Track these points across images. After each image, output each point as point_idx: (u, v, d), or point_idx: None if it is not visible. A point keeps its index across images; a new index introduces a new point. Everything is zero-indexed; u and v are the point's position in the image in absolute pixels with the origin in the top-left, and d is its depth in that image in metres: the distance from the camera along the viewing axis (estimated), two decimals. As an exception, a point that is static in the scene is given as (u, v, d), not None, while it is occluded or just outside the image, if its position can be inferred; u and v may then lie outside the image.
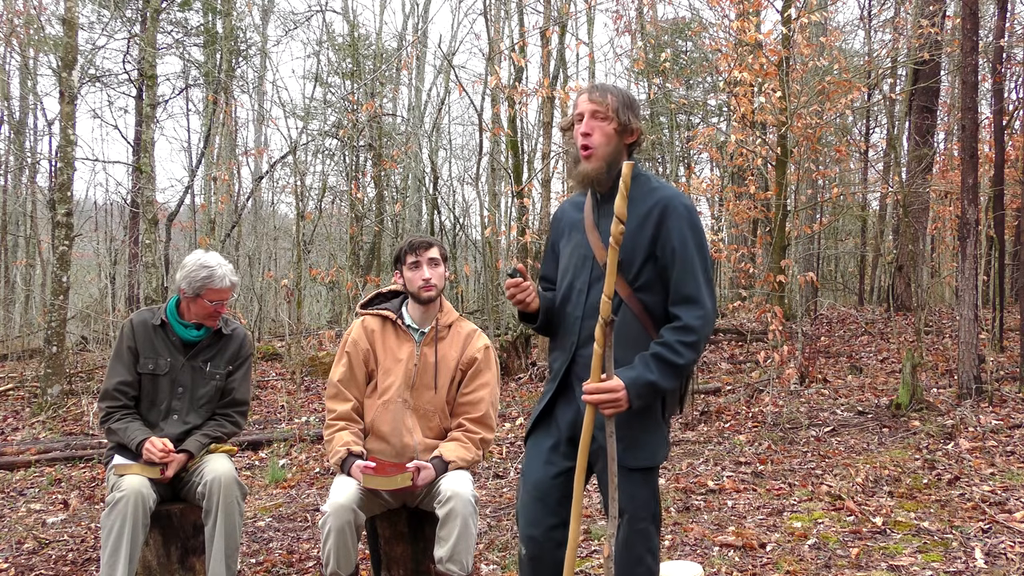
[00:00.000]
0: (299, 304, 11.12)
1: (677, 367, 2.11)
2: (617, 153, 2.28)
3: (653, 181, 2.30)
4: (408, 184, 17.41)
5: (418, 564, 3.10)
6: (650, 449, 2.23)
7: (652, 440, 2.23)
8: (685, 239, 2.17)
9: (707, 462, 5.47)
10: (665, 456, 2.27)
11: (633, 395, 2.10)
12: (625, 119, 2.26)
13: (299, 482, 5.65)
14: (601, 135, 2.26)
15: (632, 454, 2.21)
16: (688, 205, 2.21)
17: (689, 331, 2.11)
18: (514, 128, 13.19)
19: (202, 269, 3.20)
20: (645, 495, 2.23)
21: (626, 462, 2.21)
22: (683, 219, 2.18)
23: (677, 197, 2.22)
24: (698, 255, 2.18)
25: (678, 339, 2.11)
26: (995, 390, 6.72)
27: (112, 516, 2.92)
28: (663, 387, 2.13)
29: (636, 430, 2.22)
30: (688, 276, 2.15)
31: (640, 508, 2.23)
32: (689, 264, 2.16)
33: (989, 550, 3.55)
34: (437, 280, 3.06)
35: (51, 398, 8.10)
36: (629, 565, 2.22)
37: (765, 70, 8.02)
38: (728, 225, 17.20)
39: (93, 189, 45.01)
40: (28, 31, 13.51)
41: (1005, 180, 9.74)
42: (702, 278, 2.16)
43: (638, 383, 2.10)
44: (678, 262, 2.17)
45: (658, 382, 2.11)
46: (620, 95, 2.28)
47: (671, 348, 2.10)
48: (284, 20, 27.59)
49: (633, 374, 2.11)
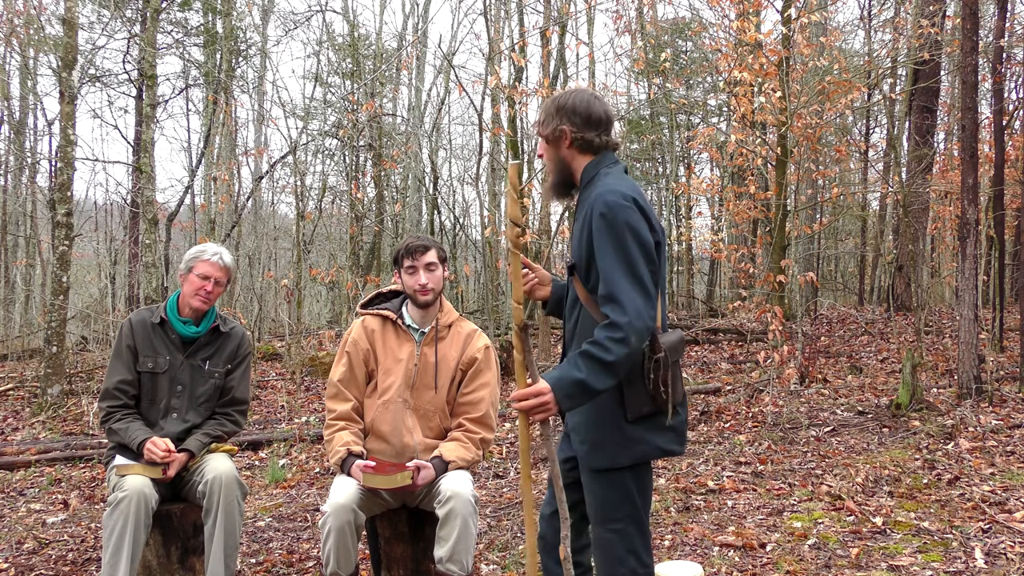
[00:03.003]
0: (299, 304, 11.12)
1: (607, 364, 2.05)
2: (558, 160, 2.32)
3: (601, 179, 2.25)
4: (408, 184, 17.41)
5: (418, 564, 3.10)
6: (609, 451, 2.19)
7: (611, 442, 2.19)
8: (601, 238, 2.13)
9: (707, 462, 5.47)
10: (632, 459, 2.19)
11: (560, 395, 2.07)
12: (546, 130, 2.30)
13: (299, 482, 5.65)
14: (543, 152, 2.35)
15: (593, 456, 2.22)
16: (609, 201, 2.13)
17: (615, 328, 2.06)
18: (514, 128, 13.18)
19: (196, 249, 3.36)
20: (615, 497, 2.21)
21: (589, 463, 2.23)
22: (600, 217, 2.13)
23: (601, 196, 2.16)
24: (616, 252, 2.11)
25: (607, 335, 2.06)
26: (995, 390, 6.72)
27: (114, 516, 2.92)
28: (594, 386, 2.06)
29: (594, 431, 2.21)
30: (606, 275, 2.11)
31: (611, 509, 2.21)
32: (604, 262, 2.12)
33: (989, 550, 3.55)
34: (434, 284, 3.06)
35: (51, 398, 8.10)
36: (610, 565, 2.22)
37: (765, 70, 8.02)
38: (728, 225, 17.21)
39: (93, 189, 45.09)
40: (28, 31, 13.51)
41: (1005, 180, 9.74)
42: (621, 274, 2.09)
43: (563, 382, 2.07)
44: (599, 261, 2.14)
45: (586, 380, 2.05)
46: (547, 107, 2.32)
47: (599, 345, 2.06)
48: (284, 20, 27.64)
49: (557, 374, 2.10)
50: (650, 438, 2.19)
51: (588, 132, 2.27)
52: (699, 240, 18.76)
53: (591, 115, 2.27)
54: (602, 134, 2.30)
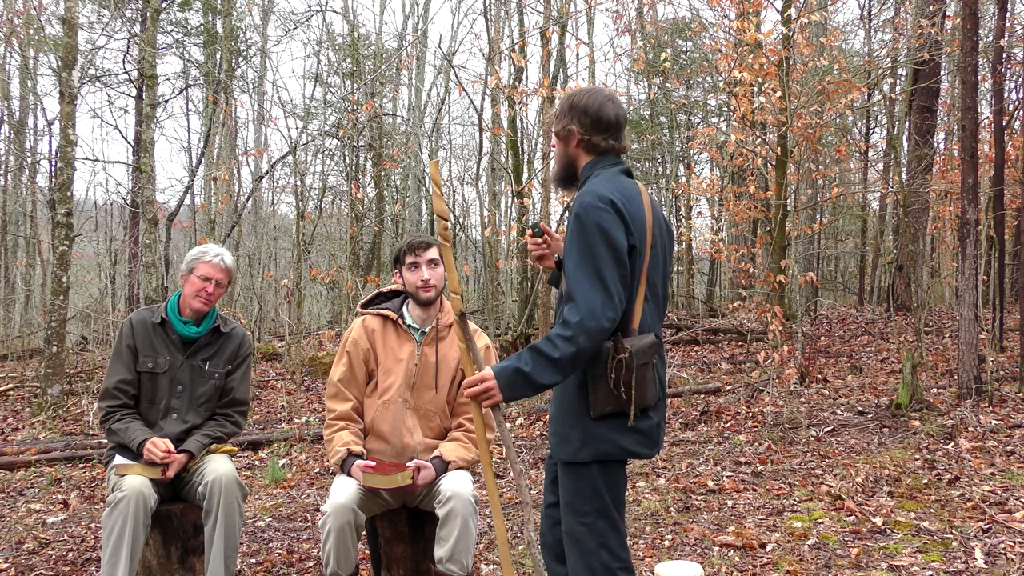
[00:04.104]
0: (299, 304, 11.13)
1: (552, 360, 2.09)
2: (565, 157, 2.39)
3: (589, 182, 2.28)
4: (408, 184, 17.42)
5: (418, 564, 3.10)
6: (573, 445, 2.23)
7: (574, 436, 2.23)
8: (571, 238, 2.18)
9: (707, 462, 5.47)
10: (593, 455, 2.21)
11: (503, 384, 2.16)
12: (558, 127, 2.37)
13: (299, 482, 5.65)
14: (554, 146, 2.43)
15: (559, 448, 2.28)
16: (585, 203, 2.16)
17: (566, 326, 2.10)
18: (514, 128, 13.20)
19: (197, 250, 3.36)
20: (582, 489, 2.24)
21: (556, 454, 2.31)
22: (575, 218, 2.18)
23: (580, 196, 2.21)
24: (582, 252, 2.13)
25: (557, 332, 2.11)
26: (995, 390, 6.72)
27: (113, 516, 2.92)
28: (537, 379, 2.11)
29: (561, 424, 2.28)
30: (569, 273, 2.15)
31: (579, 501, 2.25)
32: (570, 261, 2.15)
33: (989, 550, 3.55)
34: (436, 281, 3.07)
35: (51, 398, 8.10)
36: (582, 556, 2.25)
37: (765, 70, 8.02)
38: (728, 225, 17.22)
39: (93, 189, 45.11)
40: (28, 31, 13.50)
41: (1005, 180, 9.74)
42: (583, 274, 2.12)
43: (505, 372, 2.15)
44: (565, 259, 2.19)
45: (530, 374, 2.11)
46: (562, 103, 2.39)
47: (548, 341, 2.12)
48: (284, 20, 27.68)
49: (503, 364, 2.18)
50: (614, 437, 2.22)
51: (596, 135, 2.31)
52: (699, 240, 18.76)
53: (601, 118, 2.30)
54: (610, 138, 2.32)
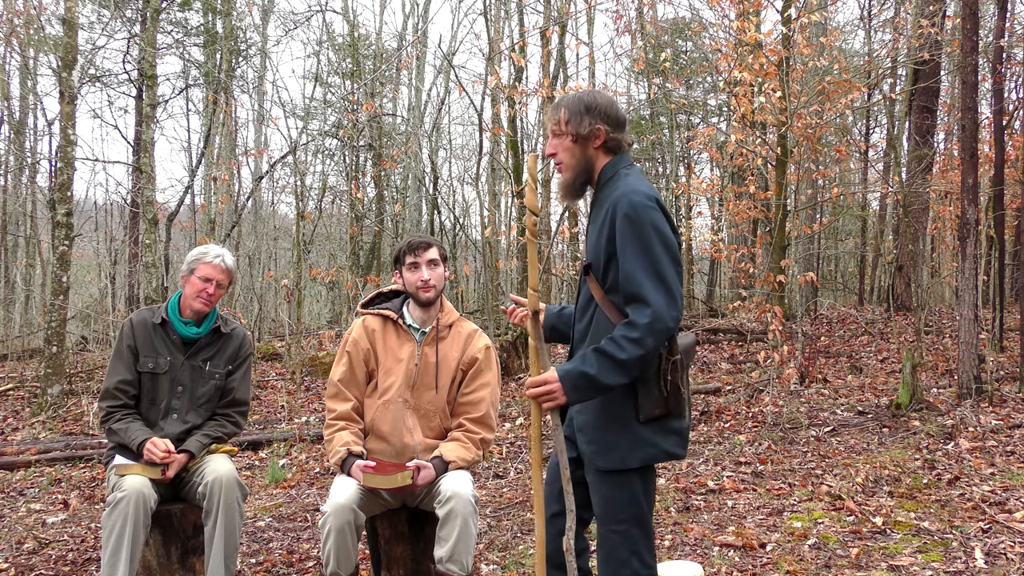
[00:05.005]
0: (299, 304, 11.12)
1: (618, 362, 2.06)
2: (584, 160, 2.30)
3: (622, 180, 2.25)
4: (408, 184, 17.42)
5: (418, 564, 3.10)
6: (619, 452, 2.18)
7: (621, 443, 2.18)
8: (625, 237, 2.13)
9: (707, 462, 5.47)
10: (641, 460, 2.18)
11: (568, 387, 2.10)
12: (577, 128, 2.28)
13: (299, 482, 5.65)
14: (562, 150, 2.31)
15: (602, 456, 2.20)
16: (634, 202, 2.13)
17: (633, 327, 2.06)
18: (514, 128, 13.19)
19: (198, 250, 3.36)
20: (621, 497, 2.20)
21: (596, 463, 2.21)
22: (626, 217, 2.14)
23: (626, 195, 2.17)
24: (641, 252, 2.11)
25: (623, 334, 2.07)
26: (995, 390, 6.72)
27: (113, 516, 2.92)
28: (603, 381, 2.07)
29: (604, 431, 2.20)
30: (631, 275, 2.11)
31: (616, 510, 2.20)
32: (630, 262, 2.12)
33: (989, 550, 3.55)
34: (436, 281, 3.07)
35: (51, 398, 8.10)
36: (612, 565, 2.21)
37: (765, 70, 8.02)
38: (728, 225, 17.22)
39: (93, 189, 45.10)
40: (28, 31, 13.50)
41: (1005, 180, 9.74)
42: (646, 275, 2.09)
43: (571, 374, 2.09)
44: (622, 260, 2.15)
45: (596, 376, 2.07)
46: (572, 105, 2.29)
47: (614, 342, 2.07)
48: (284, 20, 27.69)
49: (568, 366, 2.12)
50: (658, 440, 2.18)
51: (619, 133, 2.30)
52: (699, 240, 18.75)
53: (619, 117, 2.30)
54: (626, 136, 2.34)
